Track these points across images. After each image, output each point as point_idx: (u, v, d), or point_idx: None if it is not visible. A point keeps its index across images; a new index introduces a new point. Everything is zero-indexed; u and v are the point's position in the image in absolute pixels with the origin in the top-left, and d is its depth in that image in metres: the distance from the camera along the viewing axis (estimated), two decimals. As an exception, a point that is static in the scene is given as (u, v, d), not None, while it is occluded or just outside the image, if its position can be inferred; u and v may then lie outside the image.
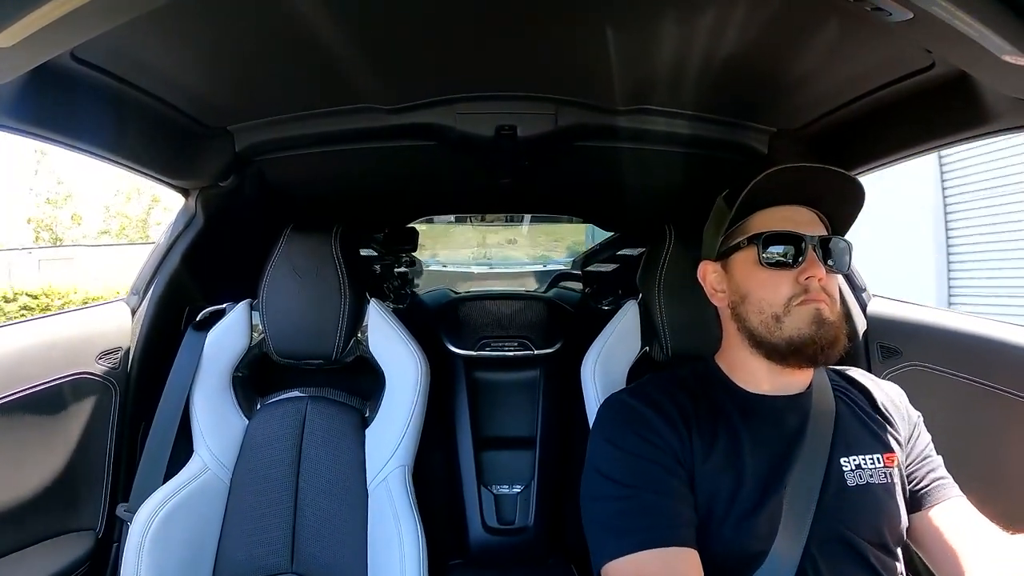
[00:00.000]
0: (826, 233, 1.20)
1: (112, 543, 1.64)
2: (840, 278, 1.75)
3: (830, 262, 1.17)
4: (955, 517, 1.19)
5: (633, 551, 1.05)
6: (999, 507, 1.46)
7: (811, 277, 1.13)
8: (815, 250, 1.15)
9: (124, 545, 1.46)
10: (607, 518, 1.11)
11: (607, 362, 1.57)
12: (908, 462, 1.23)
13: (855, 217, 1.22)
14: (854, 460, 1.17)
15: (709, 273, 1.29)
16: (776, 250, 1.16)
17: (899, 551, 1.17)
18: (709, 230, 1.32)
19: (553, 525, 2.35)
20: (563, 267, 3.93)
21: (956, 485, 1.23)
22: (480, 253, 5.20)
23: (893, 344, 1.71)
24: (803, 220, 1.19)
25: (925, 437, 1.28)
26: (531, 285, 3.98)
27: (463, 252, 5.11)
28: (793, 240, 1.16)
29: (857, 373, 1.36)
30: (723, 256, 1.26)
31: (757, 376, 1.23)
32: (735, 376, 1.26)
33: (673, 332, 1.55)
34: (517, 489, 2.38)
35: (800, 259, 1.15)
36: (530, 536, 2.33)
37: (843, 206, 1.21)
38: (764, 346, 1.17)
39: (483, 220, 4.10)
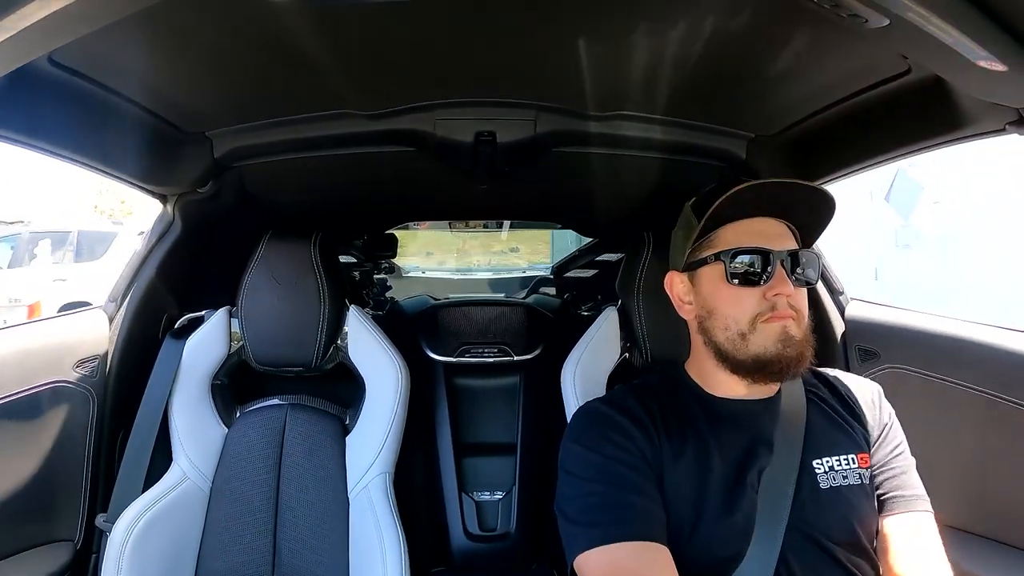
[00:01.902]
0: (795, 246, 1.19)
1: (91, 554, 1.62)
2: (819, 281, 1.77)
3: (799, 274, 1.16)
4: (901, 532, 1.19)
5: (606, 542, 1.06)
6: (977, 506, 1.48)
7: (779, 294, 1.13)
8: (783, 265, 1.14)
9: (103, 556, 1.45)
10: (579, 513, 1.12)
11: (587, 368, 1.58)
12: (874, 463, 1.23)
13: (825, 227, 1.23)
14: (827, 462, 1.17)
15: (676, 284, 1.28)
16: (744, 266, 1.15)
17: (873, 552, 1.17)
18: (677, 240, 1.31)
19: (535, 531, 2.34)
20: (542, 273, 3.93)
21: (917, 497, 1.22)
22: (461, 259, 5.22)
23: (871, 347, 1.73)
24: (773, 233, 1.18)
25: (894, 440, 1.27)
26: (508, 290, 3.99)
27: (442, 258, 5.13)
28: (761, 256, 1.14)
29: (830, 372, 1.36)
30: (690, 268, 1.25)
31: (725, 385, 1.23)
32: (703, 383, 1.25)
33: (652, 338, 1.56)
34: (499, 495, 2.38)
35: (768, 275, 1.13)
36: (512, 542, 2.33)
37: (813, 217, 1.21)
38: (730, 361, 1.17)
39: (467, 226, 4.10)
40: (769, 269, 1.14)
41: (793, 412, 1.21)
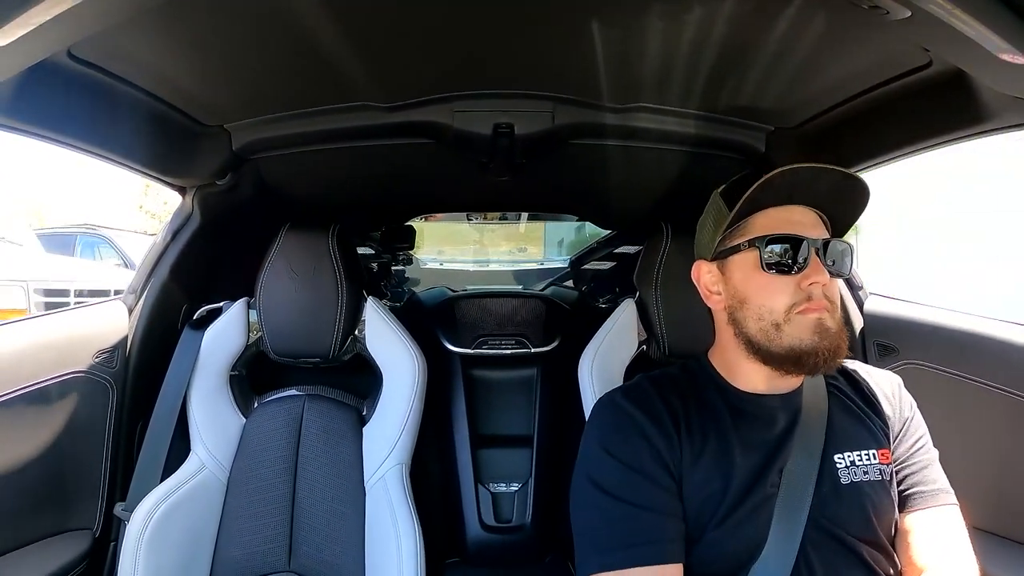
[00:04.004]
0: (828, 235, 1.15)
1: (109, 542, 1.64)
2: None
3: (832, 265, 1.12)
4: (922, 528, 1.17)
5: (617, 568, 1.05)
6: (996, 504, 1.46)
7: (815, 283, 1.09)
8: (818, 254, 1.10)
9: (121, 544, 1.47)
10: (594, 529, 1.11)
11: (604, 360, 1.57)
12: (895, 459, 1.21)
13: (857, 218, 1.18)
14: (848, 457, 1.15)
15: (704, 274, 1.24)
16: (779, 254, 1.11)
17: (892, 547, 1.16)
18: (705, 228, 1.27)
19: (550, 523, 2.35)
20: (562, 265, 3.93)
21: (939, 491, 1.20)
22: (479, 251, 5.27)
23: (890, 342, 1.71)
24: (806, 222, 1.14)
25: (916, 433, 1.24)
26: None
27: (460, 249, 5.18)
28: (796, 244, 1.10)
29: (850, 364, 1.32)
30: (720, 257, 1.21)
31: (751, 377, 1.20)
32: (728, 375, 1.23)
33: (670, 330, 1.55)
34: (514, 487, 2.38)
35: (803, 264, 1.10)
36: (527, 534, 2.33)
37: (846, 207, 1.16)
38: (762, 353, 1.13)
39: (485, 218, 4.11)
40: (804, 257, 1.10)
41: (815, 406, 1.19)
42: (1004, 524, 1.46)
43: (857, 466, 1.15)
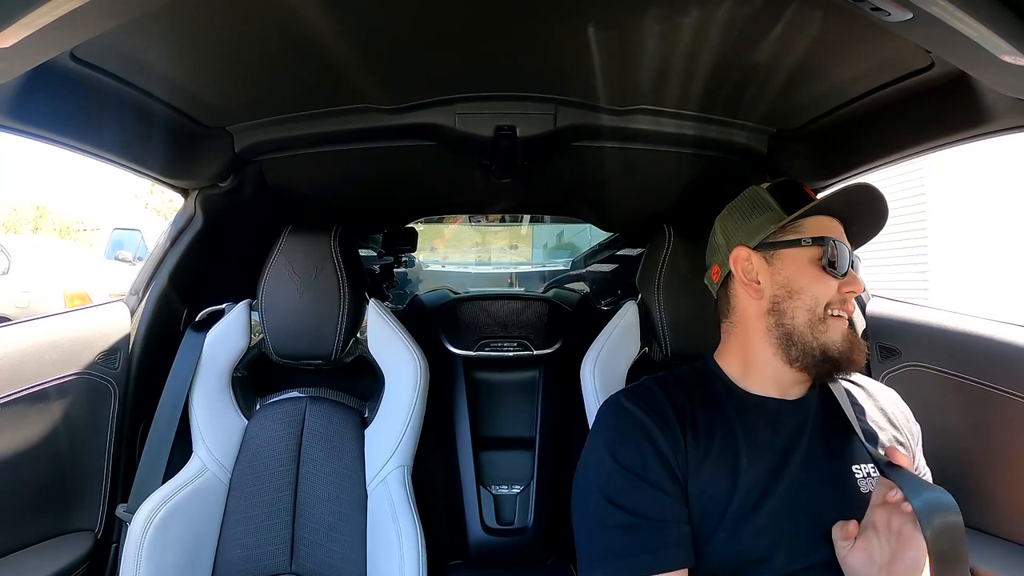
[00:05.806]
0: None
1: (111, 543, 1.64)
2: None
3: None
4: None
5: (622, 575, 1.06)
6: (998, 507, 1.46)
7: (852, 292, 1.14)
8: (852, 266, 1.15)
9: (123, 545, 1.47)
10: (597, 536, 1.10)
11: (606, 362, 1.57)
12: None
13: (860, 245, 1.24)
14: (864, 468, 1.15)
15: (743, 260, 1.22)
16: (836, 257, 1.14)
17: None
18: (750, 218, 1.25)
19: (552, 525, 2.34)
20: (562, 268, 3.94)
21: None
22: (481, 254, 5.34)
23: (892, 344, 1.70)
24: (841, 233, 1.19)
25: (919, 455, 1.26)
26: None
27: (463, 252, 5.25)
28: (848, 251, 1.15)
29: (862, 379, 1.33)
30: (768, 248, 1.20)
31: (764, 377, 1.20)
32: (737, 376, 1.23)
33: (672, 332, 1.55)
34: (516, 490, 2.38)
35: (847, 271, 1.15)
36: (529, 536, 2.33)
37: (864, 232, 1.23)
38: (798, 348, 1.14)
39: (487, 219, 4.13)
40: (850, 265, 1.15)
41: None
42: (1007, 526, 1.45)
43: (872, 477, 1.14)
